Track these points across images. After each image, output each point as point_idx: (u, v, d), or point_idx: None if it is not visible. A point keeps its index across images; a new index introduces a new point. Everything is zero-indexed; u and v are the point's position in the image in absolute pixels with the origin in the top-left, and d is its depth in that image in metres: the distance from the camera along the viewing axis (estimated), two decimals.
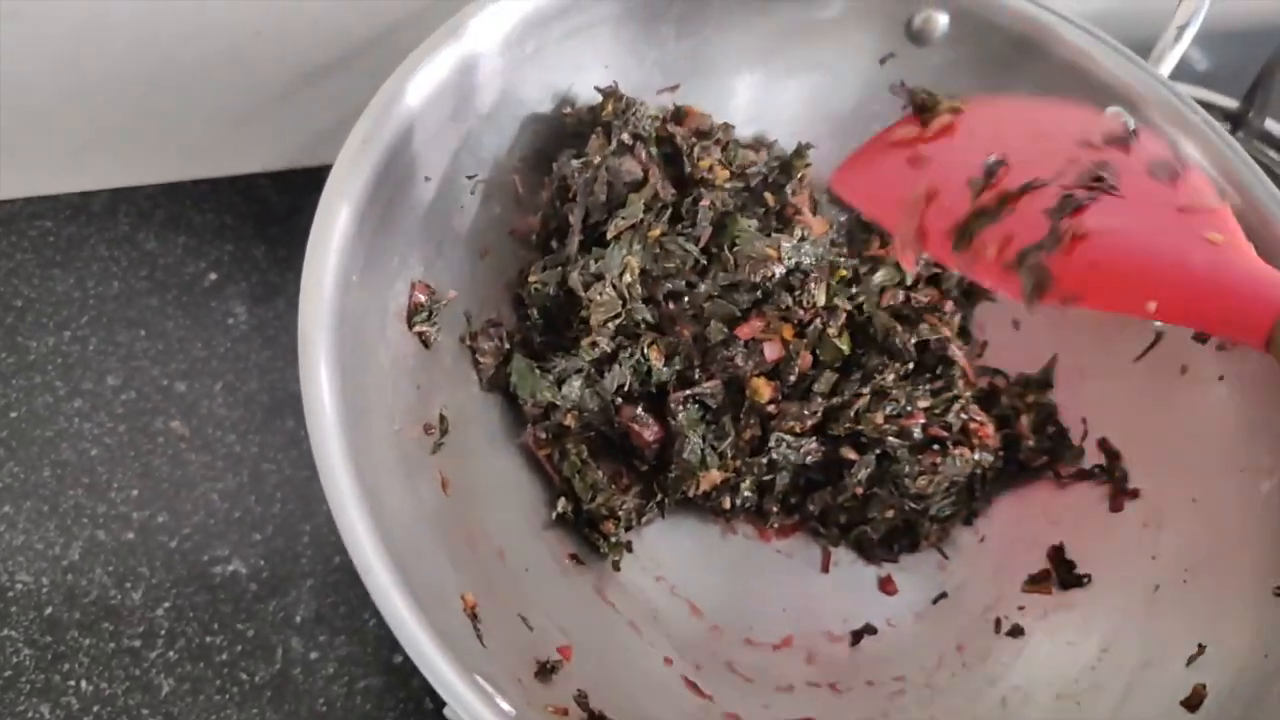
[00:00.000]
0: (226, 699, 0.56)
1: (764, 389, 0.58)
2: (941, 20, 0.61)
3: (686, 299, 0.58)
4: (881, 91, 0.63)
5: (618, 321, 0.57)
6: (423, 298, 0.53)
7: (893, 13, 0.62)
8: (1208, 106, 0.76)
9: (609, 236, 0.56)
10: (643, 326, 0.58)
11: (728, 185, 0.59)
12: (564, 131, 0.60)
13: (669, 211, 0.58)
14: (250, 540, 0.60)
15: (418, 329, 0.53)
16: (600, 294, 0.56)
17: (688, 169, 0.59)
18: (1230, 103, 0.77)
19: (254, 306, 0.67)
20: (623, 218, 0.56)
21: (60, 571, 0.57)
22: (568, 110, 0.59)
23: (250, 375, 0.65)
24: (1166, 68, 0.60)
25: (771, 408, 0.58)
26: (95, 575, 0.58)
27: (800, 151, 0.65)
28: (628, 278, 0.56)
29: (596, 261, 0.56)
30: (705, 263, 0.58)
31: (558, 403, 0.57)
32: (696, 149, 0.59)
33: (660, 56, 0.61)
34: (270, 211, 0.71)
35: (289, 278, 0.68)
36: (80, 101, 0.63)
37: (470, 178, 0.56)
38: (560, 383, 0.57)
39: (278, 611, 0.58)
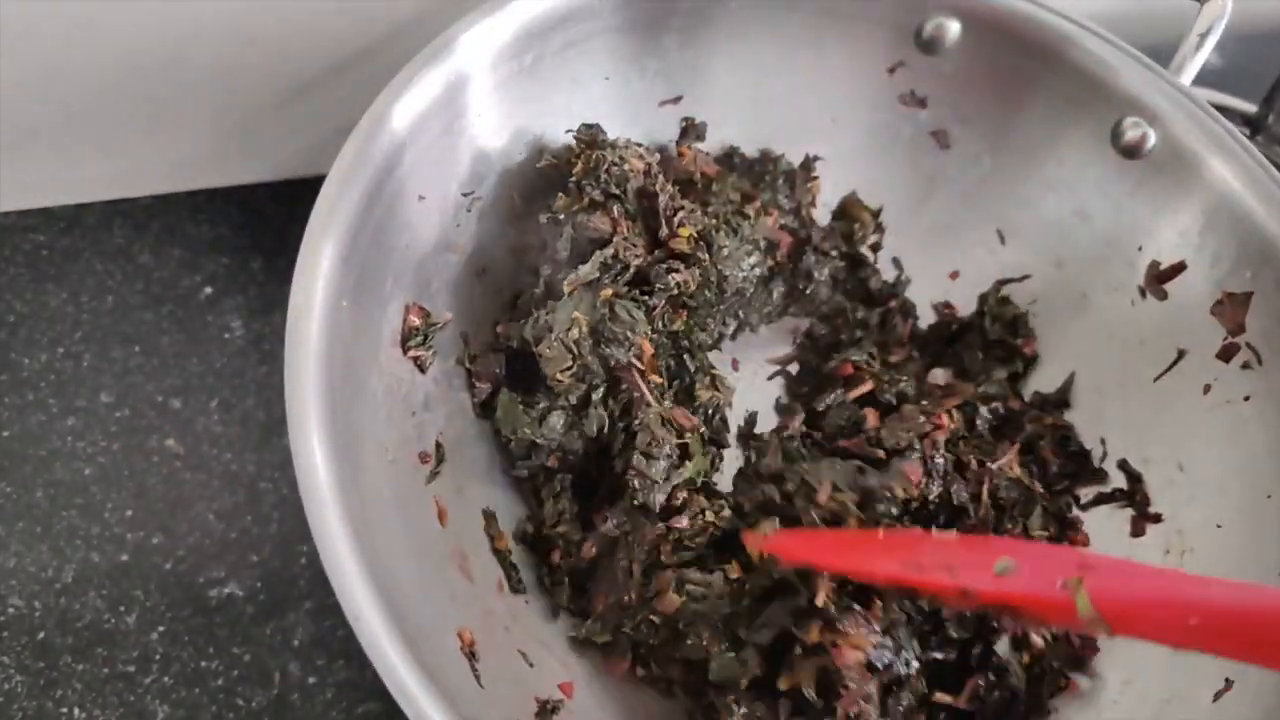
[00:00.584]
0: None
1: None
2: (953, 28, 0.60)
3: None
4: (891, 101, 0.63)
5: (570, 372, 0.54)
6: (417, 320, 0.52)
7: (902, 20, 0.60)
8: (1226, 110, 0.75)
9: (565, 291, 0.53)
10: (599, 380, 0.55)
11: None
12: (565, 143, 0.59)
13: (630, 272, 0.55)
14: (247, 561, 0.59)
15: (412, 353, 0.52)
16: (549, 348, 0.53)
17: (663, 232, 0.55)
18: (1249, 107, 0.76)
19: (250, 320, 0.66)
20: (577, 274, 0.54)
21: (53, 595, 0.57)
22: (543, 162, 0.57)
23: (247, 391, 0.64)
24: (1188, 76, 0.58)
25: (826, 603, 0.48)
26: (89, 599, 0.57)
27: (807, 164, 0.65)
28: (575, 334, 0.53)
29: (548, 314, 0.54)
30: (654, 334, 0.55)
31: (539, 440, 0.54)
32: (679, 216, 0.56)
33: (663, 67, 0.60)
34: (267, 223, 0.70)
35: (286, 291, 0.65)
36: (73, 113, 0.62)
37: (467, 195, 0.55)
38: (542, 419, 0.55)
39: (275, 635, 0.57)
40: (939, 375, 0.62)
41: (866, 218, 0.65)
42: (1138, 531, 0.58)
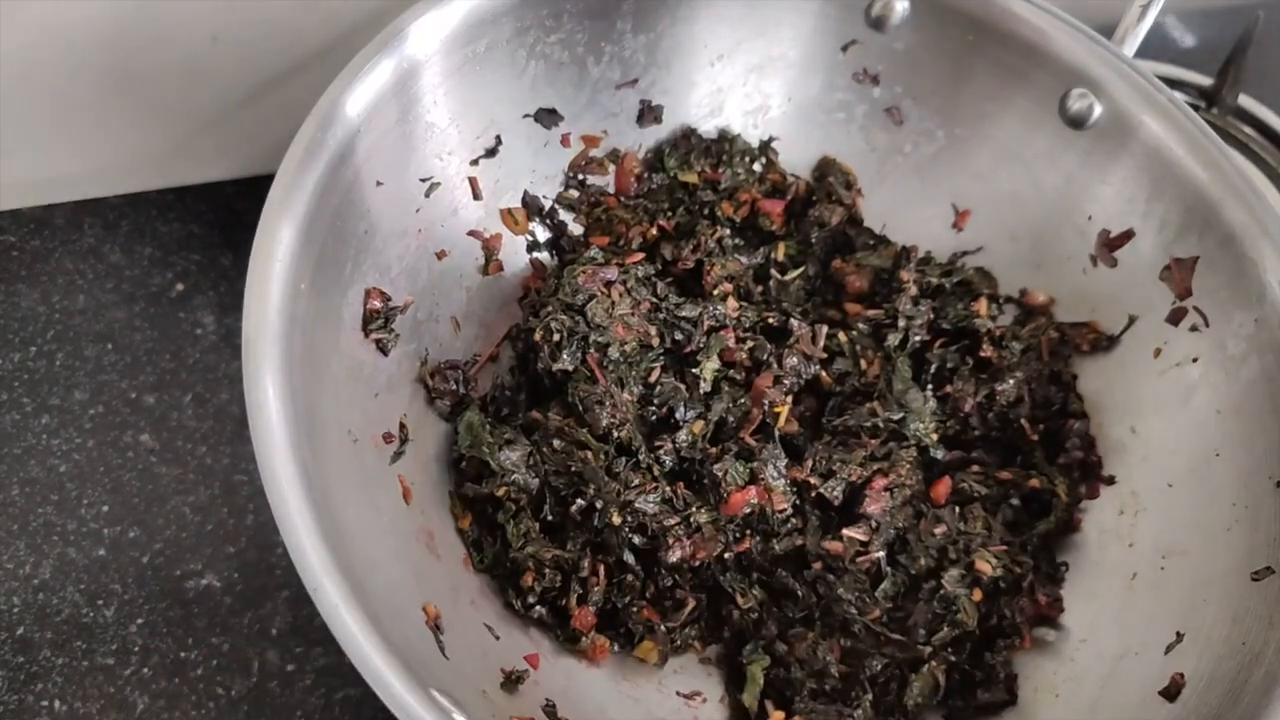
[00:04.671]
0: (203, 714, 0.55)
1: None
2: (900, 5, 0.60)
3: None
4: (846, 79, 0.64)
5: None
6: (378, 304, 0.52)
7: None
8: (1181, 84, 0.76)
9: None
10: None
11: None
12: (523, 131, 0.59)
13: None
14: (224, 553, 0.59)
15: (374, 336, 0.52)
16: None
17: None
18: (1204, 80, 0.77)
19: (223, 316, 0.67)
20: None
21: (31, 591, 0.57)
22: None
23: (220, 386, 0.64)
24: (1130, 47, 0.59)
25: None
26: (67, 593, 0.57)
27: (764, 148, 0.65)
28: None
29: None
30: None
31: (494, 468, 0.54)
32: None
33: (618, 51, 0.60)
34: (237, 219, 0.70)
35: None
36: (39, 114, 0.62)
37: (424, 180, 0.56)
38: (503, 446, 0.54)
39: (253, 624, 0.58)
40: None
41: (852, 175, 0.66)
42: (1092, 494, 0.58)
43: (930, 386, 0.59)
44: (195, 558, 0.59)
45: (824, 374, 0.59)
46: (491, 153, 0.59)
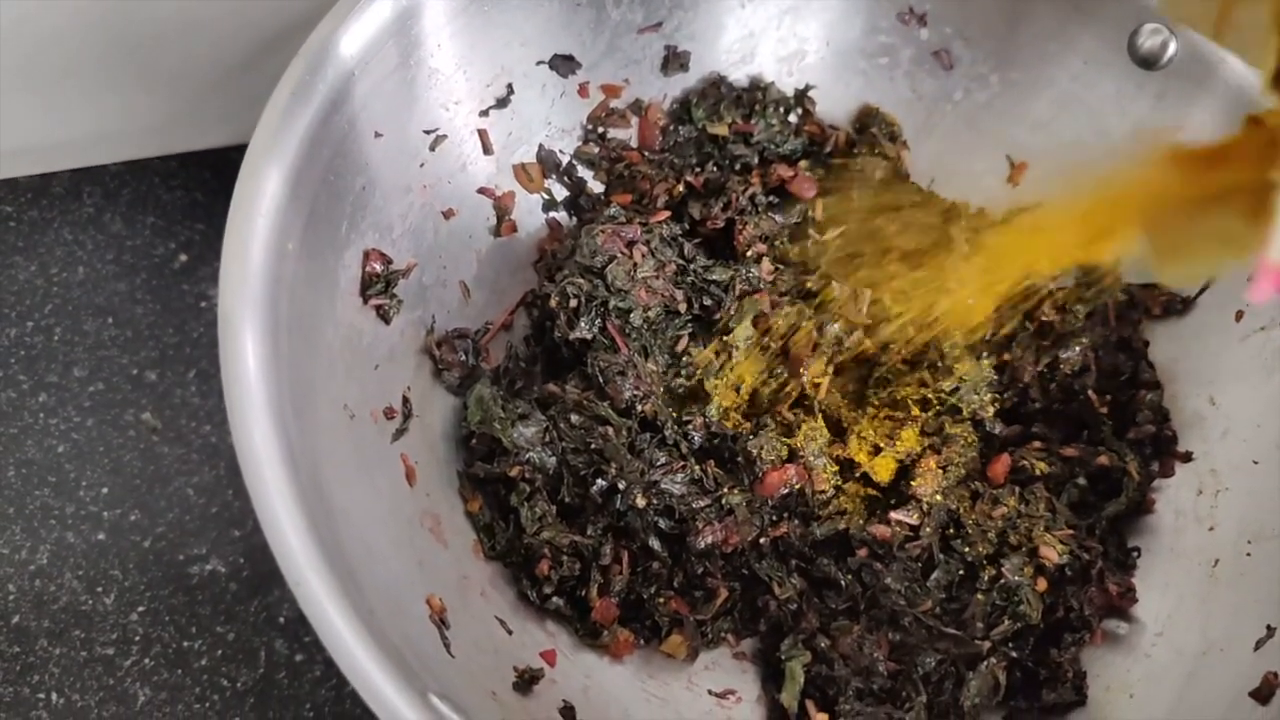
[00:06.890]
0: (207, 707, 0.54)
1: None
2: None
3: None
4: (890, 20, 0.61)
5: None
6: (378, 267, 0.50)
7: None
8: None
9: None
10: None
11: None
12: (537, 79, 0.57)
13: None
14: (229, 537, 0.58)
15: (374, 302, 0.50)
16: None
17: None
18: None
19: None
20: None
21: (28, 577, 0.56)
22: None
23: None
24: None
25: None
26: (65, 580, 0.56)
27: (801, 96, 0.63)
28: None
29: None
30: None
31: (507, 446, 0.52)
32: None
33: None
34: None
35: None
36: (34, 77, 0.60)
37: (429, 132, 0.53)
38: (516, 421, 0.52)
39: (260, 612, 0.56)
40: None
41: (896, 125, 0.64)
42: (1166, 472, 0.55)
43: (986, 354, 0.57)
44: (199, 542, 0.58)
45: (868, 341, 0.56)
46: (503, 103, 0.57)
